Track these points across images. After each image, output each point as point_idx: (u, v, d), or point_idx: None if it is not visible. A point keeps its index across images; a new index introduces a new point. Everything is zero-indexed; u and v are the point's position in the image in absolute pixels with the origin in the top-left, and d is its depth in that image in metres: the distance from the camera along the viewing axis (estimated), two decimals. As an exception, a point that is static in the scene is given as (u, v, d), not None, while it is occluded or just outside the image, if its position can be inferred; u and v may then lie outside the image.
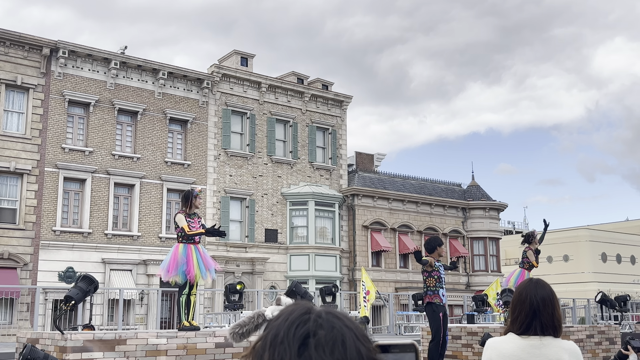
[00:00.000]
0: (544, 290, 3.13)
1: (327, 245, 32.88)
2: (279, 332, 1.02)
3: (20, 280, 24.74)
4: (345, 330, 1.01)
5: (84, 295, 9.59)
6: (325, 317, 1.03)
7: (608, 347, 14.27)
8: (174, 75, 30.01)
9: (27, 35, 26.37)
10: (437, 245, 11.13)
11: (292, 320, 1.03)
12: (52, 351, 8.43)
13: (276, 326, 1.03)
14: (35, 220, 25.84)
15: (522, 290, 3.15)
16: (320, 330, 1.00)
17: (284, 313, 1.06)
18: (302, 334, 1.00)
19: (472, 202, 38.57)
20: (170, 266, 9.83)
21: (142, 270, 27.79)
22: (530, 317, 3.09)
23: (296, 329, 1.01)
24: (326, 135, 35.14)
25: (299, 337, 1.00)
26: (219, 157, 31.01)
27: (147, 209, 28.43)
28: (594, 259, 53.39)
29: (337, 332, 1.00)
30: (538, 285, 3.16)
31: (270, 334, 1.03)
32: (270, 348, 1.01)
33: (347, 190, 34.59)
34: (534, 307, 3.09)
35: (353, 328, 1.02)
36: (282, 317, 1.05)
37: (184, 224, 9.97)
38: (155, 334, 9.05)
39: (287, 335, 1.01)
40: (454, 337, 13.79)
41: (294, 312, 1.05)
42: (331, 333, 1.00)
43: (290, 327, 1.02)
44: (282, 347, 1.00)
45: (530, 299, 3.10)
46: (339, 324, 1.02)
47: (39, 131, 26.47)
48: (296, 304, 1.07)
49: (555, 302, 3.15)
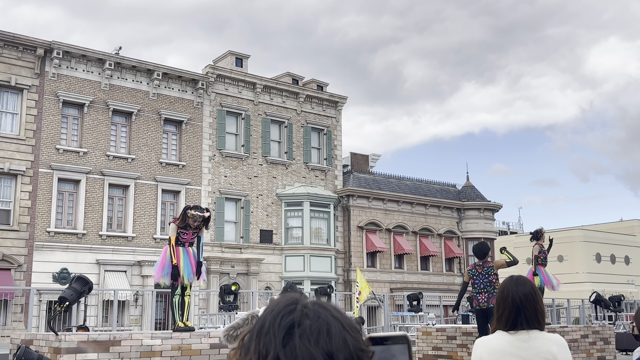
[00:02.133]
0: (524, 287, 3.25)
1: (322, 246, 32.89)
2: (264, 323, 1.02)
3: (15, 282, 24.66)
4: (332, 319, 1.01)
5: (78, 296, 9.57)
6: (312, 307, 1.03)
7: (602, 347, 14.31)
8: (169, 76, 29.97)
9: (21, 36, 26.29)
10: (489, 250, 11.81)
11: (277, 310, 1.03)
12: (46, 352, 8.41)
13: (263, 317, 1.04)
14: (30, 221, 25.76)
15: (504, 289, 3.27)
16: (306, 320, 1.00)
17: (270, 305, 1.06)
18: (287, 323, 1.00)
19: (467, 202, 38.64)
20: (159, 268, 9.97)
21: (136, 271, 27.73)
22: (514, 313, 3.19)
23: (282, 319, 1.01)
24: (321, 136, 35.15)
25: (284, 326, 1.00)
26: (214, 157, 30.98)
27: (141, 210, 28.38)
28: (588, 259, 53.54)
29: (323, 321, 1.00)
30: (519, 283, 3.28)
31: (257, 325, 1.03)
32: (256, 338, 1.01)
33: (342, 191, 34.60)
34: (516, 303, 3.20)
35: (340, 318, 1.02)
36: (268, 309, 1.05)
37: (172, 235, 10.03)
38: (150, 335, 9.04)
39: (273, 325, 1.01)
40: (449, 338, 13.82)
41: (280, 303, 1.05)
42: (317, 322, 1.00)
43: (276, 317, 1.02)
44: (267, 338, 1.00)
45: (512, 296, 3.21)
46: (325, 313, 1.02)
47: (33, 132, 26.40)
48: (284, 296, 1.07)
49: (537, 297, 3.26)
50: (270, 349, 0.99)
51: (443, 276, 37.35)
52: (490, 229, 39.28)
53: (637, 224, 60.42)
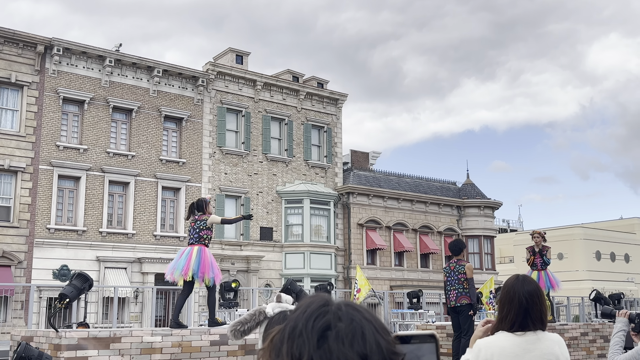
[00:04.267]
0: (530, 286, 3.17)
1: (322, 244, 32.90)
2: (297, 324, 1.01)
3: (15, 278, 24.67)
4: (365, 322, 1.01)
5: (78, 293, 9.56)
6: (345, 309, 1.02)
7: (602, 344, 14.31)
8: (169, 73, 29.95)
9: (21, 33, 26.27)
10: (463, 247, 11.83)
11: (310, 312, 1.02)
12: (46, 349, 8.41)
13: (294, 318, 1.02)
14: (30, 218, 25.76)
15: (510, 289, 3.18)
16: (340, 323, 1.00)
17: (301, 305, 1.05)
18: (321, 326, 0.99)
19: (467, 200, 38.65)
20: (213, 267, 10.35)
21: (136, 268, 27.75)
22: (521, 314, 3.11)
23: (315, 321, 1.00)
24: (321, 133, 35.15)
25: (318, 329, 0.99)
26: (214, 155, 30.98)
27: (141, 207, 28.39)
28: (588, 257, 53.58)
29: (357, 324, 1.00)
30: (525, 282, 3.20)
31: (289, 326, 1.02)
32: (288, 340, 1.00)
33: (342, 188, 34.60)
34: (523, 304, 3.12)
35: (372, 320, 1.02)
36: (300, 310, 1.04)
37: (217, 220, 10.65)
38: (150, 331, 9.03)
39: (306, 327, 1.00)
40: (448, 335, 13.83)
41: (312, 305, 1.04)
42: (350, 325, 0.99)
43: (309, 319, 1.01)
44: (300, 340, 0.99)
45: (518, 296, 3.13)
46: (358, 316, 1.01)
47: (33, 129, 26.39)
48: (314, 296, 1.06)
49: (542, 296, 3.19)
50: (304, 351, 0.98)
51: (442, 274, 37.33)
52: (490, 227, 39.29)
53: (637, 221, 60.44)
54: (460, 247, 11.55)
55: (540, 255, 14.12)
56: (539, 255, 14.12)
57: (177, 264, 10.08)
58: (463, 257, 11.80)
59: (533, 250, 14.23)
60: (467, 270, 11.25)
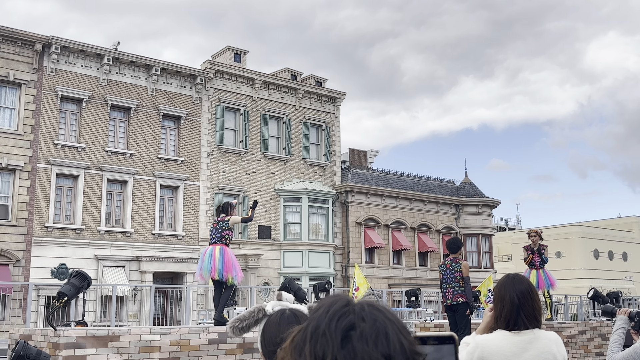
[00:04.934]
0: (521, 285, 3.20)
1: (320, 242, 32.91)
2: (320, 324, 1.01)
3: (13, 277, 24.65)
4: (388, 322, 1.01)
5: (76, 292, 9.56)
6: (368, 309, 1.03)
7: (600, 343, 14.34)
8: (167, 71, 29.93)
9: (19, 31, 26.23)
10: (461, 245, 11.76)
11: (333, 312, 1.02)
12: (44, 347, 8.40)
13: (316, 318, 1.02)
14: (28, 217, 25.74)
15: (501, 288, 3.23)
16: (363, 323, 1.00)
17: (323, 305, 1.05)
18: (345, 326, 0.99)
19: (465, 199, 38.68)
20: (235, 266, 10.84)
21: (135, 266, 27.74)
22: (514, 312, 3.15)
23: (338, 321, 1.00)
24: (320, 131, 35.14)
25: (342, 329, 0.99)
26: (213, 153, 30.97)
27: (140, 206, 28.37)
28: (586, 255, 53.65)
29: (380, 324, 1.00)
30: (515, 281, 3.23)
31: (311, 326, 1.02)
32: (311, 340, 1.00)
33: (341, 186, 34.61)
34: (515, 302, 3.16)
35: (394, 320, 1.02)
36: (322, 309, 1.04)
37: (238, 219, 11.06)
38: (149, 330, 9.03)
39: (329, 327, 1.00)
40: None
41: (334, 304, 1.04)
42: (374, 326, 1.00)
43: (332, 318, 1.01)
44: (324, 339, 0.99)
45: (510, 295, 3.17)
46: (381, 316, 1.02)
47: (31, 127, 26.36)
48: (335, 296, 1.07)
49: (535, 294, 3.23)
50: (328, 351, 0.98)
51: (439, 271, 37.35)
52: (489, 225, 39.33)
53: (635, 220, 60.53)
54: (458, 245, 11.55)
55: (538, 253, 14.14)
56: (537, 254, 14.14)
57: (204, 265, 10.63)
58: (460, 255, 11.78)
59: (531, 249, 14.25)
60: (464, 269, 11.25)
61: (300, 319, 2.06)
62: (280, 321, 2.05)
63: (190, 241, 29.52)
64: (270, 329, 2.05)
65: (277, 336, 2.01)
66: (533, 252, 14.17)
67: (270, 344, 2.02)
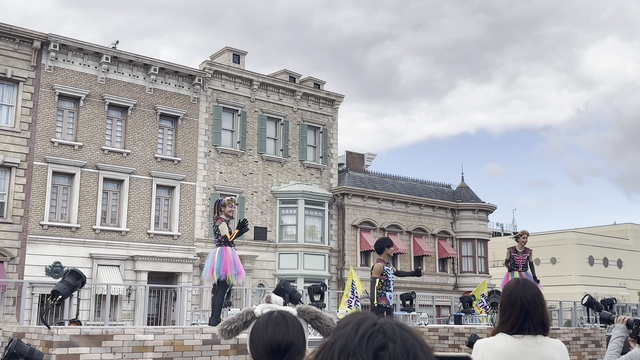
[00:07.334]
0: (532, 290, 3.15)
1: (316, 244, 32.90)
2: (349, 343, 1.00)
3: (7, 274, 24.60)
4: (417, 344, 1.02)
5: (71, 290, 9.54)
6: (397, 330, 1.03)
7: (594, 349, 14.35)
8: (165, 71, 29.92)
9: (17, 28, 26.21)
10: (385, 246, 11.04)
11: (363, 331, 1.02)
12: (38, 346, 8.39)
13: (344, 335, 1.02)
14: (23, 214, 25.69)
15: (511, 292, 3.16)
16: (392, 344, 1.00)
17: (350, 323, 1.05)
18: (375, 346, 0.99)
19: (462, 203, 38.73)
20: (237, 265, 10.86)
21: (129, 266, 27.70)
22: (522, 318, 3.10)
23: (368, 340, 1.00)
24: (317, 134, 35.17)
25: (373, 349, 0.99)
26: (209, 154, 30.96)
27: (136, 205, 28.34)
28: (581, 262, 53.73)
29: (410, 345, 1.01)
30: (526, 286, 3.18)
31: (339, 344, 1.01)
32: (339, 358, 1.00)
33: (337, 189, 34.62)
34: (524, 307, 3.10)
35: (420, 341, 1.03)
36: (349, 327, 1.03)
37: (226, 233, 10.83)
38: (143, 329, 9.02)
39: (360, 346, 0.99)
40: (441, 338, 13.84)
41: (362, 323, 1.03)
42: (404, 347, 1.00)
43: (362, 338, 1.00)
44: (353, 358, 0.99)
45: (520, 300, 3.12)
46: (410, 337, 1.02)
47: (28, 124, 26.33)
48: (362, 314, 1.07)
49: (543, 301, 3.18)
50: None
51: (436, 276, 37.41)
52: (484, 230, 39.38)
53: (630, 227, 60.65)
54: (381, 246, 10.94)
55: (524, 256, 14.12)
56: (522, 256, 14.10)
57: (207, 267, 10.85)
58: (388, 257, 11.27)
59: (516, 251, 14.23)
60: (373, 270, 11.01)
61: (288, 320, 2.06)
62: (268, 323, 2.05)
63: (185, 241, 29.50)
64: (258, 331, 2.05)
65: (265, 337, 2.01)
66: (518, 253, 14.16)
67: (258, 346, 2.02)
